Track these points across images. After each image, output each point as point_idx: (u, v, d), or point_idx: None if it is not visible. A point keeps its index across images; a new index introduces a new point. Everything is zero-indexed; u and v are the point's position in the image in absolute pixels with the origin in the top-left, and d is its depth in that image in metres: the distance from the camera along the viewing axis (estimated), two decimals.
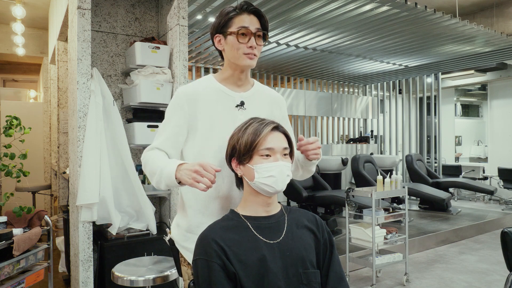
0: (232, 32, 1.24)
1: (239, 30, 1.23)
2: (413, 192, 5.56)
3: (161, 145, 1.26)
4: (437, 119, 7.37)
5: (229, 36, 1.25)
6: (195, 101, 1.26)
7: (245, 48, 1.24)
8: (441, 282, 3.39)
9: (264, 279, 1.03)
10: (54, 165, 4.63)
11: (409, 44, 4.76)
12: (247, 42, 1.24)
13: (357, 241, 3.31)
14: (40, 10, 5.02)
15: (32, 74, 7.84)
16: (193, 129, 1.27)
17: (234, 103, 1.29)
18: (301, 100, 6.45)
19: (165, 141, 1.26)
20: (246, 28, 1.24)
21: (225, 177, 1.25)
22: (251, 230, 1.09)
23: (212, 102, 1.27)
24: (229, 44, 1.26)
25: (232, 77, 1.31)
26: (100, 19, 2.79)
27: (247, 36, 1.24)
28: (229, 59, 1.28)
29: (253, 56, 1.26)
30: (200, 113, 1.26)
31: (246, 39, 1.24)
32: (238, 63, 1.26)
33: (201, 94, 1.27)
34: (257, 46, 1.26)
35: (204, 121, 1.26)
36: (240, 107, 1.29)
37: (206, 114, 1.26)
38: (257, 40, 1.26)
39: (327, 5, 3.48)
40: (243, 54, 1.25)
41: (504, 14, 5.88)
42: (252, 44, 1.25)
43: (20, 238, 2.20)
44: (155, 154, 1.24)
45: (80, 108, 2.31)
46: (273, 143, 1.10)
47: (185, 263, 1.30)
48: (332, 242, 1.17)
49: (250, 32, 1.24)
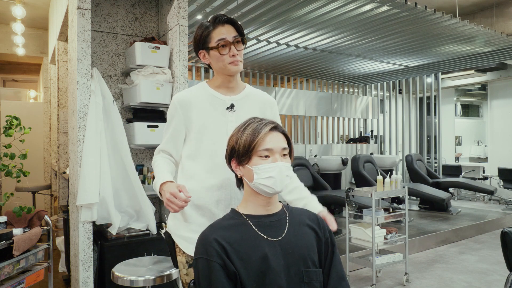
0: (212, 47, 1.36)
1: (218, 44, 1.34)
2: (413, 192, 5.56)
3: (165, 147, 1.44)
4: (437, 119, 7.37)
5: (211, 51, 1.37)
6: (189, 107, 1.39)
7: (228, 58, 1.35)
8: (441, 282, 3.39)
9: (266, 277, 1.03)
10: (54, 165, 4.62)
11: (409, 44, 4.76)
12: (228, 52, 1.35)
13: (357, 241, 3.31)
14: (40, 10, 5.02)
15: (32, 74, 7.84)
16: (189, 131, 1.40)
17: (225, 106, 1.40)
18: (301, 100, 6.45)
19: (167, 143, 1.43)
20: (224, 39, 1.34)
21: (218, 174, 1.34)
22: (253, 228, 1.09)
23: (205, 107, 1.39)
24: (213, 58, 1.38)
25: (223, 83, 1.42)
26: (100, 19, 2.79)
27: (227, 46, 1.35)
28: (217, 70, 1.40)
29: (238, 62, 1.37)
30: (194, 117, 1.38)
31: (226, 49, 1.35)
32: (226, 73, 1.38)
33: (194, 100, 1.39)
34: (238, 51, 1.37)
35: (198, 123, 1.38)
36: (230, 109, 1.39)
37: (200, 117, 1.38)
38: (236, 46, 1.37)
39: (327, 5, 3.48)
40: (228, 64, 1.36)
41: (504, 14, 5.88)
42: (234, 52, 1.35)
43: (20, 238, 2.20)
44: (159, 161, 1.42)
45: (80, 108, 2.31)
46: (272, 143, 1.09)
47: (180, 252, 1.38)
48: (334, 241, 1.16)
49: (228, 42, 1.35)
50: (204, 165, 1.36)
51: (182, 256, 1.36)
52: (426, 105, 7.52)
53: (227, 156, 1.17)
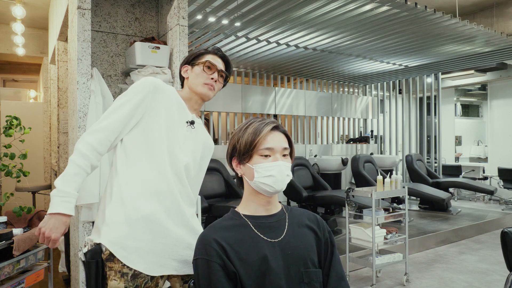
0: (200, 62, 1.40)
1: (206, 62, 1.40)
2: (413, 192, 5.56)
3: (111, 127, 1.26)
4: (437, 119, 7.37)
5: (196, 66, 1.41)
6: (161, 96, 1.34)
7: (207, 79, 1.39)
8: (441, 282, 3.39)
9: (266, 278, 1.03)
10: (54, 165, 4.63)
11: (409, 44, 4.75)
12: (211, 74, 1.40)
13: (357, 241, 3.31)
14: (40, 10, 5.02)
15: (32, 74, 7.84)
16: (146, 122, 1.31)
17: (187, 118, 1.40)
18: (301, 100, 6.45)
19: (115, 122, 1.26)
20: (213, 63, 1.40)
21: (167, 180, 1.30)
22: (252, 229, 1.09)
23: (173, 107, 1.37)
24: (194, 73, 1.41)
25: (190, 100, 1.43)
26: (100, 19, 2.79)
27: (212, 69, 1.40)
28: (190, 86, 1.41)
29: (212, 87, 1.40)
30: (162, 111, 1.33)
31: (211, 71, 1.40)
32: (197, 90, 1.40)
33: (167, 94, 1.37)
34: (217, 81, 1.42)
35: (163, 120, 1.33)
36: (190, 124, 1.40)
37: (167, 116, 1.34)
38: (219, 78, 1.43)
39: (327, 5, 3.48)
40: (204, 84, 1.39)
41: (504, 14, 5.88)
42: (214, 77, 1.40)
43: (20, 238, 2.20)
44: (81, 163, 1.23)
45: (80, 108, 2.31)
46: (273, 142, 1.10)
47: (116, 276, 1.21)
48: (333, 241, 1.17)
49: (215, 67, 1.41)
50: (156, 167, 1.29)
51: (119, 280, 1.21)
52: (426, 105, 7.52)
53: (228, 155, 1.17)
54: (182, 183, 1.33)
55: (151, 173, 1.28)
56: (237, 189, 4.14)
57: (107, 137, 1.26)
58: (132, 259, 1.22)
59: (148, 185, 1.27)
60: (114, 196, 1.27)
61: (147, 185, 1.27)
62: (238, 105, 5.73)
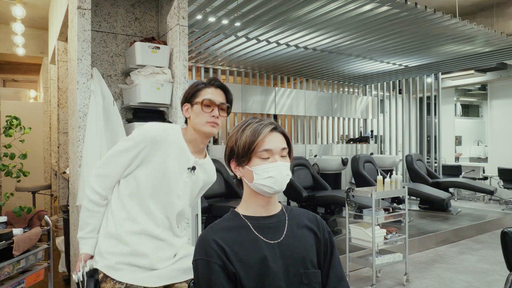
0: (198, 102, 1.40)
1: (204, 101, 1.39)
2: (413, 192, 5.56)
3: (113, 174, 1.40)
4: (437, 119, 7.37)
5: (195, 105, 1.41)
6: (158, 147, 1.39)
7: (208, 117, 1.39)
8: (441, 282, 3.39)
9: (265, 279, 1.03)
10: (54, 165, 4.63)
11: (409, 44, 4.75)
12: (210, 112, 1.39)
13: (357, 241, 3.31)
14: (40, 10, 5.02)
15: (32, 74, 7.84)
16: (139, 167, 1.41)
17: (188, 164, 1.43)
18: (301, 100, 6.45)
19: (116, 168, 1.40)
20: (211, 100, 1.39)
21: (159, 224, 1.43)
22: (252, 230, 1.09)
23: (172, 156, 1.40)
24: (194, 112, 1.41)
25: (195, 141, 1.45)
26: (100, 19, 2.79)
27: (211, 106, 1.40)
28: (193, 126, 1.42)
29: (215, 124, 1.41)
30: (156, 159, 1.39)
31: (210, 109, 1.40)
32: (201, 129, 1.41)
33: (166, 143, 1.40)
34: (220, 116, 1.42)
35: (157, 168, 1.39)
36: (191, 170, 1.44)
37: (162, 163, 1.39)
38: (220, 112, 1.42)
39: (327, 5, 3.48)
40: (206, 122, 1.39)
41: (504, 14, 5.88)
42: (215, 114, 1.40)
43: (20, 238, 2.20)
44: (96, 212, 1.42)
45: (80, 108, 2.31)
46: (271, 144, 1.09)
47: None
48: (333, 242, 1.16)
49: (214, 103, 1.40)
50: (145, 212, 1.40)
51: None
52: (426, 105, 7.52)
53: (226, 156, 1.16)
54: (171, 223, 1.45)
55: (140, 216, 1.40)
56: (237, 189, 4.14)
57: (110, 183, 1.42)
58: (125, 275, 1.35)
59: (137, 226, 1.39)
60: (107, 231, 1.41)
61: (136, 226, 1.40)
62: (238, 105, 5.73)
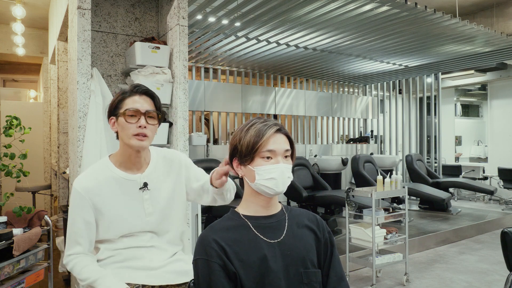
0: (121, 113, 1.27)
1: (126, 111, 1.27)
2: (413, 192, 5.56)
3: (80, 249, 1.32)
4: (437, 119, 7.37)
5: (120, 117, 1.28)
6: (96, 196, 1.29)
7: (134, 128, 1.26)
8: (441, 282, 3.39)
9: (265, 279, 1.03)
10: (54, 165, 4.63)
11: (409, 44, 4.75)
12: (136, 122, 1.26)
13: (357, 241, 3.31)
14: (40, 10, 5.02)
15: (32, 74, 7.84)
16: (99, 221, 1.32)
17: (137, 186, 1.34)
18: (301, 100, 6.45)
19: (80, 238, 1.31)
20: (135, 109, 1.27)
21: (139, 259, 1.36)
22: (252, 230, 1.09)
23: (115, 194, 1.31)
24: (120, 125, 1.29)
25: (129, 160, 1.33)
26: (100, 19, 2.79)
27: (136, 116, 1.27)
28: (123, 140, 1.31)
29: (143, 137, 1.28)
30: (103, 208, 1.30)
31: (135, 119, 1.27)
32: (129, 143, 1.28)
33: (100, 190, 1.30)
34: (148, 125, 1.28)
35: (109, 215, 1.31)
36: (144, 188, 1.33)
37: (111, 208, 1.31)
38: (148, 120, 1.29)
39: (327, 5, 3.48)
40: (132, 135, 1.27)
41: (504, 14, 5.88)
42: (141, 123, 1.27)
43: (20, 238, 2.20)
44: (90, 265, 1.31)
45: (80, 108, 2.31)
46: (275, 145, 1.09)
47: None
48: (333, 241, 1.16)
49: (139, 112, 1.27)
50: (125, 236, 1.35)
51: None
52: (426, 105, 7.52)
53: (229, 154, 1.16)
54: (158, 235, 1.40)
55: (121, 243, 1.35)
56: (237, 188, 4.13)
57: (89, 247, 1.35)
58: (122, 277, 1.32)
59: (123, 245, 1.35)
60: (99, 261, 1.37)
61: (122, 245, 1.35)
62: (238, 105, 5.73)
